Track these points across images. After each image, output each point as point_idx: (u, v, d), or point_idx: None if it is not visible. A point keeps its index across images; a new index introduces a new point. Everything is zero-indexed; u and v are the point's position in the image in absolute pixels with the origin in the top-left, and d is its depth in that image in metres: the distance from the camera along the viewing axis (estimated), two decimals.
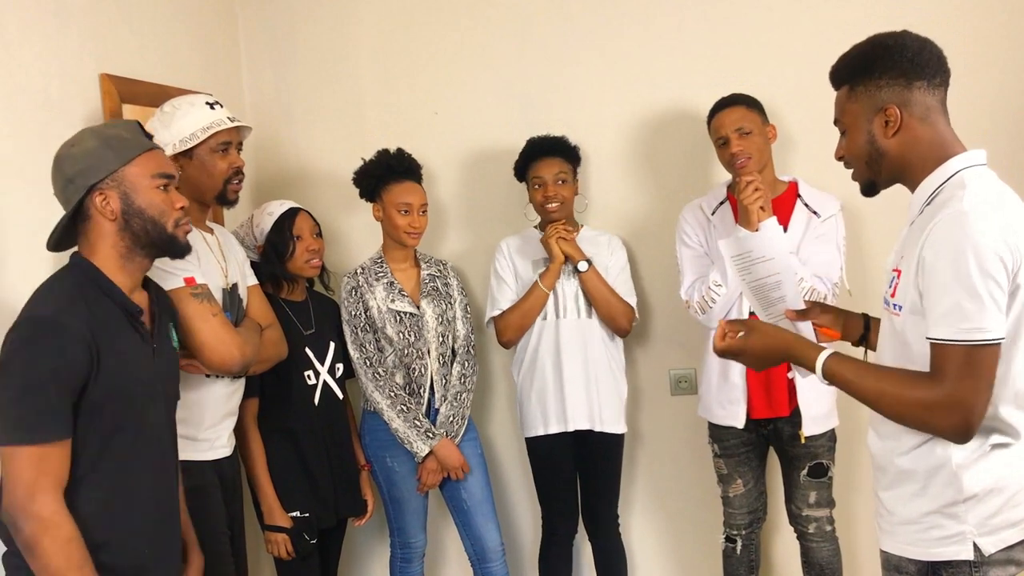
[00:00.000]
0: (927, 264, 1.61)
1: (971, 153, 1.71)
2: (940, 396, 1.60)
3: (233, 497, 2.49)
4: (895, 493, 1.76)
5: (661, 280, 3.21)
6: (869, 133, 1.74)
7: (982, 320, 1.56)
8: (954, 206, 1.61)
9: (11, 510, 1.68)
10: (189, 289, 2.21)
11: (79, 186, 1.82)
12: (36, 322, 1.72)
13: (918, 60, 1.70)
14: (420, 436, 2.89)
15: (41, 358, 1.69)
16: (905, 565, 1.75)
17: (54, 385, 1.69)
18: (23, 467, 1.67)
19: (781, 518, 3.05)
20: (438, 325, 3.00)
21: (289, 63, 3.45)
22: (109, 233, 1.84)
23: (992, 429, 1.66)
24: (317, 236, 2.88)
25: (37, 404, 1.69)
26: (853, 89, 1.76)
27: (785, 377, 2.75)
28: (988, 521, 1.66)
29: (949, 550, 1.68)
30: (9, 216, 2.11)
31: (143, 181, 1.86)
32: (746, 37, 3.15)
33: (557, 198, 2.96)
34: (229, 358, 2.26)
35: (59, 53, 2.37)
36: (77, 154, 1.84)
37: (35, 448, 1.68)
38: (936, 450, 1.69)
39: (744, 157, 2.72)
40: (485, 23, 3.33)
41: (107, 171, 1.83)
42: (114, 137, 1.86)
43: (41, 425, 1.69)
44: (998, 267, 1.57)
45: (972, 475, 1.66)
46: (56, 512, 1.69)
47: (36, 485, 1.67)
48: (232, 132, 2.42)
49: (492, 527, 3.05)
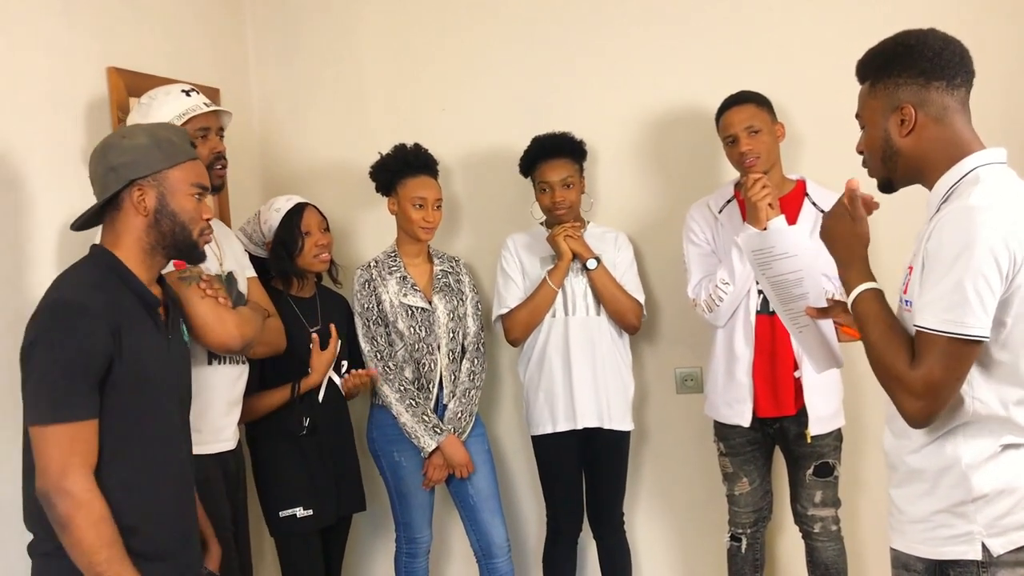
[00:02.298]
0: (929, 255, 1.62)
1: (990, 151, 1.70)
2: (912, 378, 1.62)
3: (236, 491, 2.50)
4: (905, 491, 1.77)
5: (668, 278, 3.20)
6: (885, 131, 1.74)
7: (964, 315, 1.57)
8: (962, 201, 1.61)
9: (45, 488, 1.72)
10: (176, 273, 2.22)
11: (120, 176, 1.86)
12: (59, 305, 1.76)
13: (938, 60, 1.68)
14: (427, 431, 2.90)
15: (66, 339, 1.73)
16: (913, 563, 1.74)
17: (80, 365, 1.73)
18: (54, 446, 1.71)
19: (786, 517, 3.04)
20: (449, 321, 3.00)
21: (297, 58, 3.45)
22: (137, 228, 1.88)
23: (1003, 430, 1.66)
24: (325, 231, 2.88)
25: (65, 384, 1.72)
26: (874, 85, 1.76)
27: (792, 376, 2.74)
28: (998, 522, 1.66)
29: (957, 549, 1.68)
30: (16, 206, 2.11)
31: (182, 187, 1.91)
32: (754, 35, 3.14)
33: (564, 203, 2.95)
34: (227, 336, 2.27)
35: (66, 47, 2.38)
36: (127, 146, 1.88)
37: (65, 427, 1.72)
38: (945, 449, 1.68)
39: (753, 156, 2.71)
40: (492, 20, 3.32)
41: (151, 169, 1.87)
42: (165, 140, 1.91)
43: (70, 404, 1.72)
44: (992, 268, 1.56)
45: (982, 475, 1.66)
46: (87, 490, 1.73)
47: (68, 463, 1.71)
48: (210, 117, 2.42)
49: (498, 523, 3.05)
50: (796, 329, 2.13)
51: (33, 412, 1.75)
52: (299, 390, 2.72)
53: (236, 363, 2.47)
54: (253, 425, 2.74)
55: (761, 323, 2.75)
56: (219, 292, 2.30)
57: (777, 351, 2.73)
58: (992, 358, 1.64)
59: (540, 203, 3.02)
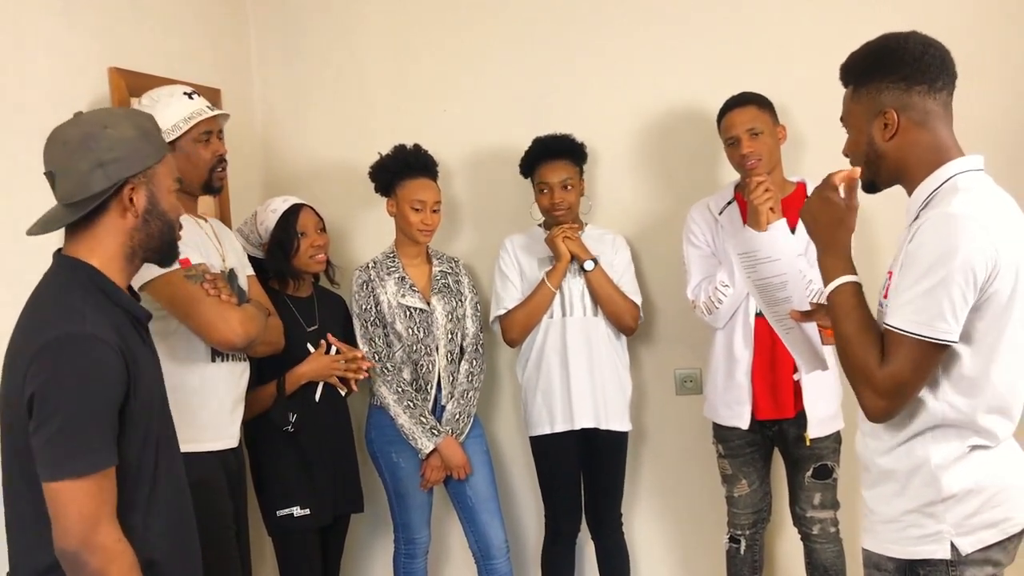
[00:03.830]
0: (907, 257, 1.64)
1: (967, 158, 1.72)
2: (877, 375, 1.65)
3: (237, 491, 2.50)
4: (876, 492, 1.79)
5: (667, 280, 3.20)
6: (869, 135, 1.75)
7: (934, 319, 1.59)
8: (944, 208, 1.63)
9: (71, 547, 1.56)
10: (183, 271, 2.23)
11: (111, 174, 1.65)
12: (69, 340, 1.57)
13: (919, 64, 1.69)
14: (425, 433, 2.90)
15: (85, 379, 1.56)
16: (884, 563, 1.77)
17: (103, 407, 1.58)
18: (82, 500, 1.55)
19: (785, 519, 3.04)
20: (447, 322, 3.00)
21: (299, 58, 3.45)
22: (122, 231, 1.69)
23: (970, 432, 1.68)
24: (321, 231, 2.89)
25: (89, 431, 1.56)
26: (857, 90, 1.77)
27: (791, 379, 2.74)
28: (966, 521, 1.68)
29: (926, 548, 1.70)
30: (18, 209, 2.12)
31: (167, 182, 1.74)
32: (755, 36, 3.14)
33: (563, 205, 2.95)
34: (231, 334, 2.27)
35: (68, 47, 2.38)
36: (115, 138, 1.66)
37: (93, 479, 1.56)
38: (916, 450, 1.71)
39: (755, 159, 2.71)
40: (493, 21, 3.33)
41: (144, 166, 1.68)
42: (150, 131, 1.73)
43: (97, 453, 1.57)
44: (968, 276, 1.59)
45: (951, 476, 1.68)
46: (119, 540, 1.59)
47: (98, 516, 1.56)
48: (212, 120, 2.43)
49: (497, 524, 3.05)
50: (783, 330, 2.15)
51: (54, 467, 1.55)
52: (284, 385, 2.72)
53: (239, 360, 2.48)
54: (251, 424, 2.74)
55: (760, 325, 2.74)
56: (223, 290, 2.30)
57: (776, 353, 2.73)
58: (962, 362, 1.66)
59: (539, 204, 3.02)
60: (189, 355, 2.32)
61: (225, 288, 2.32)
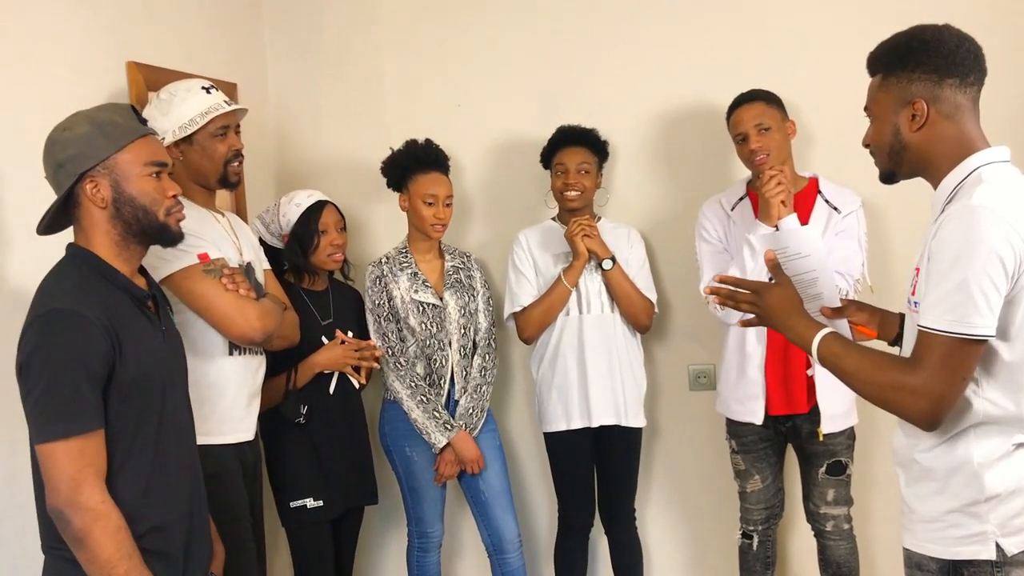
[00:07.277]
0: (932, 255, 1.62)
1: (993, 150, 1.70)
2: (915, 381, 1.62)
3: (253, 483, 2.51)
4: (916, 490, 1.76)
5: (680, 275, 3.20)
6: (895, 125, 1.73)
7: (969, 315, 1.56)
8: (967, 200, 1.61)
9: (58, 505, 1.67)
10: (202, 266, 2.25)
11: (69, 172, 1.77)
12: (53, 315, 1.70)
13: (953, 57, 1.68)
14: (438, 427, 2.91)
15: (65, 350, 1.67)
16: (927, 563, 1.73)
17: (82, 376, 1.68)
18: (65, 461, 1.66)
19: (798, 515, 3.04)
20: (460, 317, 3.00)
21: (313, 53, 3.47)
22: (101, 221, 1.80)
23: (1015, 430, 1.65)
24: (342, 231, 2.90)
25: (68, 396, 1.67)
26: (886, 79, 1.75)
27: (804, 374, 2.74)
28: (1011, 521, 1.65)
29: (970, 549, 1.67)
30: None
31: (135, 169, 1.81)
32: (765, 32, 3.13)
33: (577, 187, 2.95)
34: (249, 329, 2.30)
35: (86, 41, 2.40)
36: (69, 139, 1.78)
37: (74, 441, 1.67)
38: (956, 449, 1.68)
39: (763, 154, 2.71)
40: (507, 17, 3.33)
41: (98, 158, 1.78)
42: (108, 123, 1.81)
43: (76, 417, 1.67)
44: (996, 267, 1.56)
45: (994, 474, 1.65)
46: (102, 502, 1.68)
47: (80, 477, 1.66)
48: (229, 115, 2.44)
49: (510, 518, 3.06)
50: None
51: (39, 430, 1.69)
52: (295, 377, 2.73)
53: (255, 354, 2.49)
54: (265, 416, 2.74)
55: None
56: (242, 285, 2.32)
57: (789, 349, 2.72)
58: (1001, 358, 1.63)
59: (553, 187, 3.02)
60: (207, 348, 2.33)
61: (243, 283, 2.34)
